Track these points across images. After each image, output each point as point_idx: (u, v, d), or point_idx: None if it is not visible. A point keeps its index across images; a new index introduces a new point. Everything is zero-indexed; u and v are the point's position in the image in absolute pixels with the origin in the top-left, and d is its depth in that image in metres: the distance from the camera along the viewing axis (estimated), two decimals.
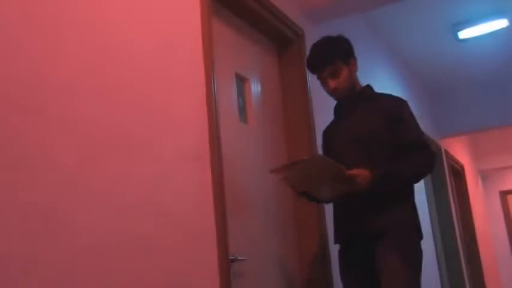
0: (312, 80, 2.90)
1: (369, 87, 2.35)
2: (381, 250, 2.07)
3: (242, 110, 2.53)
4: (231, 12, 2.52)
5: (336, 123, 2.40)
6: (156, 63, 1.77)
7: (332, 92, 2.29)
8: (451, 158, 6.17)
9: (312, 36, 3.01)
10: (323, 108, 2.97)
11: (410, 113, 2.22)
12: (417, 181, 2.22)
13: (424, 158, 2.15)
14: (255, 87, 2.65)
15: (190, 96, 1.92)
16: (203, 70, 1.99)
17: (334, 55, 2.24)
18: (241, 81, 2.56)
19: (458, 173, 6.61)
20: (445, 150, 5.94)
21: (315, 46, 2.32)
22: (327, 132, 2.43)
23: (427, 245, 4.65)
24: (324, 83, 2.29)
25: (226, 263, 1.89)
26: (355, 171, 2.01)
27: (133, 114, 1.63)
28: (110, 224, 1.46)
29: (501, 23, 4.46)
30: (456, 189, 6.23)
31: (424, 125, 5.26)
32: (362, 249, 2.15)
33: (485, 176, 8.81)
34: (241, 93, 2.56)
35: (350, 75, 2.26)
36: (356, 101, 2.29)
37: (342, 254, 2.27)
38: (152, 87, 1.73)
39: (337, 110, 2.40)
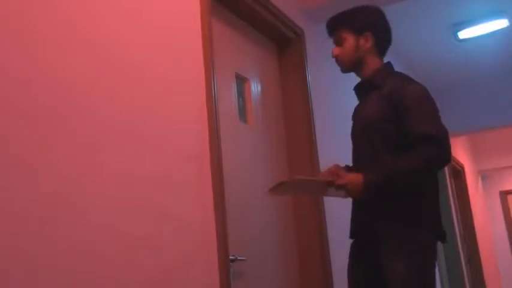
0: (312, 80, 2.90)
1: (383, 69, 2.14)
2: (382, 252, 1.96)
3: (242, 110, 2.53)
4: (231, 12, 2.52)
5: (357, 107, 2.22)
6: (156, 63, 1.77)
7: (335, 60, 2.15)
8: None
9: (312, 36, 3.01)
10: (323, 108, 2.98)
11: (416, 98, 1.97)
12: (419, 180, 2.00)
13: (427, 154, 1.88)
14: (255, 87, 2.65)
15: (190, 96, 1.92)
16: (203, 70, 1.99)
17: (340, 22, 2.12)
18: (241, 81, 2.56)
19: (458, 173, 6.60)
20: None
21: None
22: (352, 117, 2.27)
23: None
24: None
25: (226, 263, 1.89)
26: (344, 180, 1.92)
27: (133, 114, 1.63)
28: (109, 224, 1.46)
29: (501, 23, 4.45)
30: (456, 189, 6.23)
31: None
32: (369, 246, 2.03)
33: (485, 176, 8.80)
34: (241, 93, 2.56)
35: (356, 48, 2.10)
36: (366, 86, 2.13)
37: (352, 248, 2.17)
38: (152, 87, 1.73)
39: (356, 93, 2.23)
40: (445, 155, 1.93)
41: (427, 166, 1.93)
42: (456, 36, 4.64)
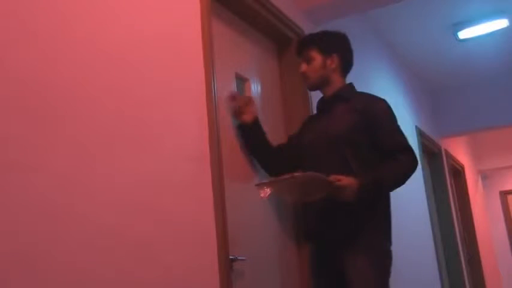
0: None
1: (348, 87, 2.33)
2: (350, 253, 2.08)
3: None
4: (231, 12, 2.52)
5: (315, 119, 2.41)
6: (155, 63, 1.77)
7: (301, 76, 2.34)
8: (451, 158, 6.16)
9: None
10: None
11: (386, 113, 2.19)
12: (400, 186, 2.21)
13: (407, 163, 2.14)
14: (255, 87, 2.65)
15: (190, 96, 1.92)
16: (203, 70, 1.99)
17: (311, 42, 2.31)
18: (241, 81, 2.56)
19: (458, 173, 6.60)
20: (445, 150, 5.94)
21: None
22: (304, 124, 2.44)
23: (427, 245, 4.64)
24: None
25: (226, 263, 1.89)
26: (343, 183, 2.00)
27: (133, 114, 1.63)
28: (109, 224, 1.46)
29: (501, 23, 4.46)
30: (456, 189, 6.23)
31: (424, 125, 5.26)
32: (332, 249, 2.16)
33: (485, 176, 8.80)
34: (241, 93, 2.56)
35: (323, 68, 2.28)
36: (333, 100, 2.29)
37: (312, 253, 2.28)
38: (152, 87, 1.73)
39: (318, 107, 2.42)
40: (417, 162, 2.18)
41: (408, 173, 2.15)
42: (456, 36, 4.64)
